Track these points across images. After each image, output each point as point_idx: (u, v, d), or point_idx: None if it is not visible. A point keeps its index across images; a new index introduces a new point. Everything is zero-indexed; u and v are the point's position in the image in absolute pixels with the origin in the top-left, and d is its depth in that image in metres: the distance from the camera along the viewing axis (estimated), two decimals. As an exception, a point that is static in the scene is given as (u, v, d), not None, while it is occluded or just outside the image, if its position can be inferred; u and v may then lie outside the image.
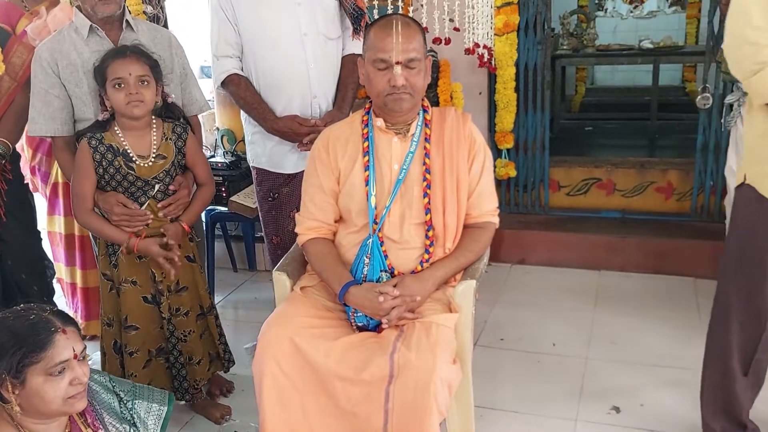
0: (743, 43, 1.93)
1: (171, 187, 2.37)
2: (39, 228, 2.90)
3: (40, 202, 3.07)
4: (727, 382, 2.15)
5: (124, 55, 2.21)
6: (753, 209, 2.02)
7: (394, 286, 1.99)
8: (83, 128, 2.34)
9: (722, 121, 3.15)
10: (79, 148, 2.28)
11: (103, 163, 2.25)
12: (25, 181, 2.87)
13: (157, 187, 2.32)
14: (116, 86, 2.19)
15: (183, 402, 2.57)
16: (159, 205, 2.35)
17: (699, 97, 3.58)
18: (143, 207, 2.31)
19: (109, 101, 2.23)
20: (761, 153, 2.02)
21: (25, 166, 2.99)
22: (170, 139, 2.34)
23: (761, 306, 2.03)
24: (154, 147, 2.31)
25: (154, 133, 2.32)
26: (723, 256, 2.15)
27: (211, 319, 2.57)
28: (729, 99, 2.99)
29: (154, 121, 2.33)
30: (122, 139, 2.27)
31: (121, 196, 2.29)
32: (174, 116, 2.40)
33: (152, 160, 2.29)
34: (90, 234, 2.61)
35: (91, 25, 2.34)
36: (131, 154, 2.27)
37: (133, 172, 2.27)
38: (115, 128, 2.28)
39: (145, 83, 2.22)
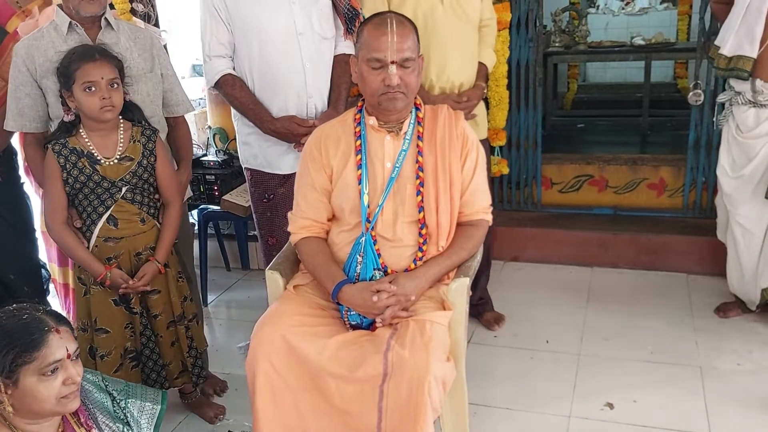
0: None
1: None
2: (34, 227, 2.87)
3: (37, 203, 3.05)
4: None
5: (94, 57, 2.17)
6: None
7: (390, 282, 1.99)
8: (53, 130, 2.30)
9: (714, 119, 3.16)
10: (46, 157, 2.24)
11: (67, 167, 2.21)
12: (21, 181, 2.84)
13: (124, 189, 2.27)
14: (87, 90, 2.15)
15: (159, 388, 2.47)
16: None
17: (690, 93, 3.59)
18: (109, 210, 2.26)
19: (75, 103, 2.19)
20: None
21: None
22: (138, 141, 2.30)
23: None
24: (120, 147, 2.27)
25: (121, 135, 2.28)
26: None
27: (182, 329, 2.46)
28: (721, 98, 3.00)
29: (121, 122, 2.29)
30: (87, 141, 2.23)
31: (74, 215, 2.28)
32: (133, 116, 2.34)
33: (116, 159, 2.25)
34: None
35: (70, 22, 2.32)
36: (96, 155, 2.23)
37: (98, 173, 2.23)
38: (81, 131, 2.24)
39: (115, 86, 2.20)
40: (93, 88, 2.15)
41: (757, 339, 2.97)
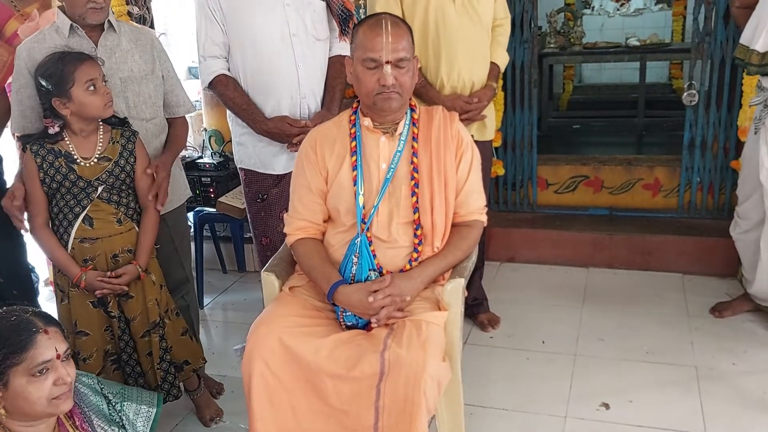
0: None
1: (147, 170, 2.33)
2: (21, 232, 2.84)
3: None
4: None
5: (86, 57, 2.18)
6: None
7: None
8: (31, 135, 2.27)
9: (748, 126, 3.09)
10: (25, 159, 2.22)
11: (44, 166, 2.19)
12: (7, 186, 2.81)
13: (100, 189, 2.24)
14: (91, 88, 2.15)
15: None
16: (149, 197, 2.33)
17: (685, 93, 3.60)
18: (86, 210, 2.24)
19: (71, 108, 2.15)
20: None
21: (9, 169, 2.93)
22: (117, 142, 2.28)
23: None
24: (99, 148, 2.25)
25: (101, 136, 2.26)
26: None
27: (155, 338, 2.37)
28: (754, 101, 2.93)
29: (101, 124, 2.27)
30: (68, 142, 2.22)
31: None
32: (109, 120, 2.31)
33: (95, 160, 2.23)
34: None
35: (71, 25, 2.32)
36: (74, 156, 2.21)
37: (74, 173, 2.20)
38: (66, 139, 2.22)
39: (107, 83, 2.22)
40: (96, 86, 2.16)
41: (753, 339, 2.98)
